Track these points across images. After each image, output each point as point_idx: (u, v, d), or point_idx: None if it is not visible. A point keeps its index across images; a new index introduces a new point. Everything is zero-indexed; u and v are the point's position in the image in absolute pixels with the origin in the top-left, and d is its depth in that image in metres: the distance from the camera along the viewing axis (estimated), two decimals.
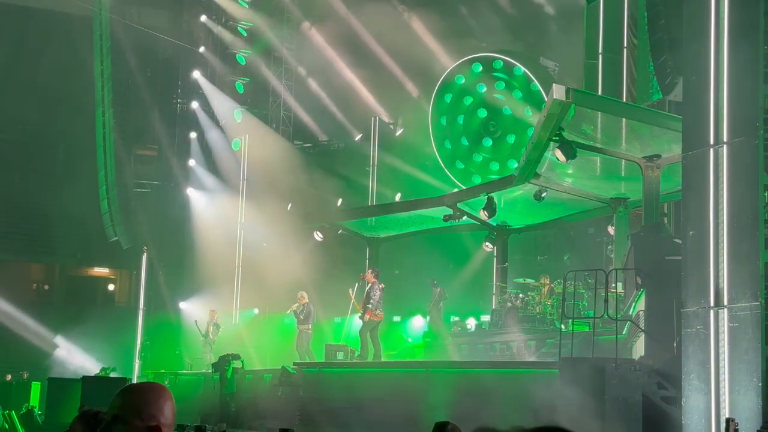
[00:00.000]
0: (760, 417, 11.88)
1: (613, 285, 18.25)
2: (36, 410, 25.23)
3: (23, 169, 33.72)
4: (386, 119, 30.93)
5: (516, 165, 22.00)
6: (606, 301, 16.80)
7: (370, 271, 22.48)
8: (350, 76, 30.49)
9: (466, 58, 29.25)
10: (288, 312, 24.36)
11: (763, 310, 12.07)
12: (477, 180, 28.42)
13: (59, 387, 20.80)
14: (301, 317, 23.67)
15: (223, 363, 22.51)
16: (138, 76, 34.05)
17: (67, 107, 34.15)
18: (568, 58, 26.82)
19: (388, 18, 30.39)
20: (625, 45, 24.27)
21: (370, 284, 21.81)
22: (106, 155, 33.80)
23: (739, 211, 12.50)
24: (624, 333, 16.73)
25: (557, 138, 17.56)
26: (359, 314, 22.12)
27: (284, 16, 32.87)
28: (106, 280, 40.46)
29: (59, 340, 33.18)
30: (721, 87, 12.88)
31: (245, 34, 33.14)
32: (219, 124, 33.40)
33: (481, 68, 29.76)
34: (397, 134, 31.00)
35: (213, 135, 33.62)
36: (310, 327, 23.75)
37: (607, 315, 16.58)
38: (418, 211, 24.63)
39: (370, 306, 21.34)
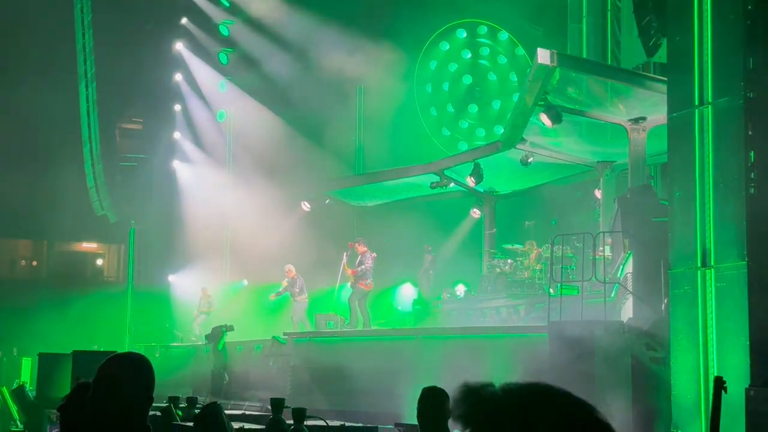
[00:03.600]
0: (748, 376, 11.96)
1: (601, 248, 18.31)
2: (27, 386, 25.24)
3: (7, 146, 33.50)
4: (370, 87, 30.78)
5: (502, 131, 21.98)
6: (594, 264, 16.87)
7: (359, 240, 22.46)
8: (336, 44, 30.27)
9: (450, 24, 29.14)
10: (282, 291, 24.41)
11: (750, 269, 12.13)
12: (463, 146, 28.42)
13: (50, 362, 20.74)
14: (296, 290, 23.67)
15: (216, 334, 22.50)
16: (120, 49, 33.76)
17: (50, 82, 33.87)
18: (553, 22, 26.73)
19: None
20: (609, 8, 24.23)
21: (360, 254, 21.83)
22: (91, 130, 33.59)
23: (725, 172, 12.51)
24: (612, 295, 16.80)
25: (543, 103, 17.56)
26: (350, 283, 22.16)
27: None
28: (95, 255, 40.36)
29: None
30: (706, 47, 12.85)
31: (228, 5, 32.86)
32: (203, 96, 33.20)
33: (465, 34, 29.69)
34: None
35: (197, 107, 33.43)
36: (305, 297, 23.84)
37: (596, 278, 16.65)
38: (405, 179, 24.61)
39: (359, 270, 21.41)
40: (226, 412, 9.56)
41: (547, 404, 1.81)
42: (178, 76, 33.62)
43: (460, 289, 24.38)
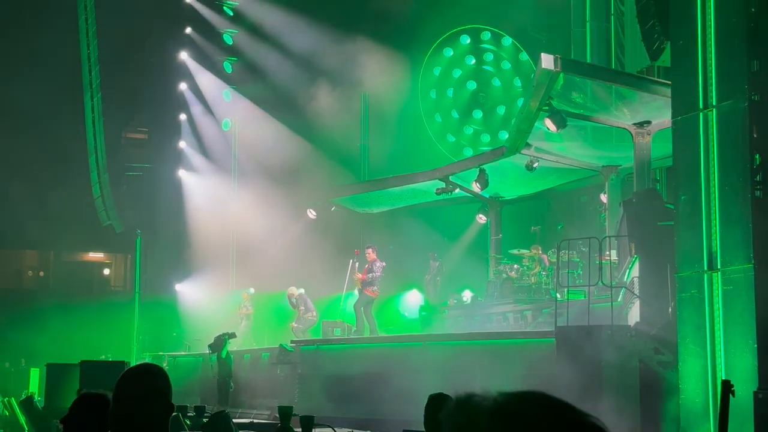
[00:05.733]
0: (756, 378, 11.94)
1: (607, 252, 18.29)
2: (35, 396, 25.28)
3: (12, 156, 33.59)
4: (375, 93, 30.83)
5: (507, 136, 22.00)
6: (600, 268, 16.85)
7: (370, 247, 22.41)
8: (340, 51, 30.33)
9: (453, 30, 29.18)
10: (296, 326, 24.11)
11: (756, 272, 12.11)
12: (468, 152, 28.43)
13: (58, 372, 20.79)
14: (301, 309, 23.66)
15: (219, 343, 22.51)
16: (125, 59, 33.85)
17: (55, 92, 33.97)
18: (556, 27, 26.75)
19: None
20: (613, 12, 24.26)
21: (370, 261, 21.81)
22: (96, 140, 33.65)
23: (730, 174, 12.51)
24: (619, 300, 16.78)
25: (547, 107, 17.57)
26: (356, 290, 22.15)
27: None
28: (102, 265, 40.44)
29: None
30: (709, 50, 12.86)
31: (231, 14, 32.95)
32: (208, 105, 33.25)
33: (469, 40, 29.71)
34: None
35: (202, 116, 33.49)
36: (314, 314, 23.84)
37: (602, 282, 16.63)
38: (410, 186, 24.63)
39: (368, 277, 21.41)
40: (234, 420, 9.61)
41: (541, 414, 1.80)
42: (183, 86, 33.69)
43: (467, 295, 24.37)
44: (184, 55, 33.44)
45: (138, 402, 3.41)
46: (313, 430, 13.44)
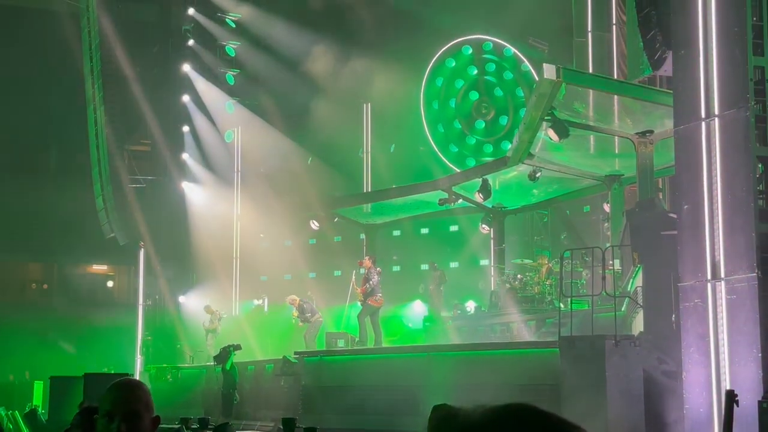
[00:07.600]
0: (760, 388, 11.91)
1: (611, 262, 18.27)
2: (39, 409, 25.27)
3: (17, 169, 33.66)
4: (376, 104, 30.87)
5: (509, 146, 22.00)
6: (604, 278, 16.83)
7: (367, 257, 22.51)
8: (342, 62, 30.37)
9: (455, 41, 29.22)
10: (301, 321, 24.13)
11: (761, 281, 12.09)
12: (471, 163, 28.41)
13: (62, 385, 20.81)
14: (307, 315, 23.71)
15: (224, 355, 22.50)
16: (128, 71, 33.93)
17: (59, 105, 34.06)
18: (558, 37, 26.79)
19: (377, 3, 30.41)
20: (614, 22, 24.29)
21: (366, 269, 21.85)
22: (100, 152, 33.71)
23: (733, 183, 12.51)
24: (623, 309, 16.76)
25: (549, 117, 17.59)
26: (359, 301, 22.17)
27: (272, 5, 32.76)
28: (105, 277, 40.46)
29: None
30: (711, 60, 12.87)
31: (234, 26, 33.04)
32: (211, 117, 33.30)
33: (471, 51, 29.73)
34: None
35: (205, 128, 33.54)
36: (319, 316, 23.87)
37: (606, 292, 16.60)
38: (413, 196, 24.63)
39: (367, 287, 21.41)
40: None
41: (528, 427, 1.80)
42: (186, 98, 33.75)
43: (470, 306, 24.34)
44: (186, 67, 33.51)
45: (126, 416, 3.40)
46: None
